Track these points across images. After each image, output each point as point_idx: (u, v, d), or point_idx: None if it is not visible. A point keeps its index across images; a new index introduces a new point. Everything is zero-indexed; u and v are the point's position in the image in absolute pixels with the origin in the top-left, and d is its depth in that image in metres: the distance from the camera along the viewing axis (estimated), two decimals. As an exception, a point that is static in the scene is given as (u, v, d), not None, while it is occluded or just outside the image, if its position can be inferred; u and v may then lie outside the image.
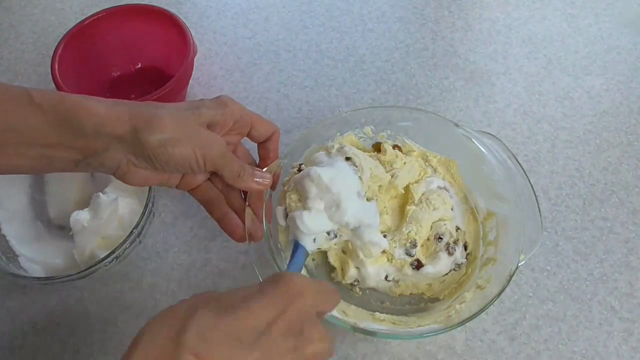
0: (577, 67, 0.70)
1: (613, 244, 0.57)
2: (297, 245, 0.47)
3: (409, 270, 0.51)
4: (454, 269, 0.52)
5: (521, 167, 0.51)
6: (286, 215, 0.50)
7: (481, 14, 0.76)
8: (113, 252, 0.50)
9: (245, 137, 0.49)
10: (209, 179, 0.48)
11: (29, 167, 0.41)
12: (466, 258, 0.53)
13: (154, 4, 0.69)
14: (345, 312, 0.49)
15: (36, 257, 0.54)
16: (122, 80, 0.69)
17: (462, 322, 0.45)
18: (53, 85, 0.60)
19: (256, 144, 0.51)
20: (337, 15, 0.77)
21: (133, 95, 0.67)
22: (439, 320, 0.47)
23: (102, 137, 0.40)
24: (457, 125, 0.54)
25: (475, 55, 0.72)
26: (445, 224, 0.52)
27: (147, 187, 0.53)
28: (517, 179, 0.51)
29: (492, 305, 0.46)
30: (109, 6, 0.67)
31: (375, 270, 0.51)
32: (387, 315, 0.50)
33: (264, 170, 0.49)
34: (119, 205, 0.54)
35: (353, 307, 0.50)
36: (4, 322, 0.54)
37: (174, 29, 0.64)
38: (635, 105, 0.67)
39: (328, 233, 0.49)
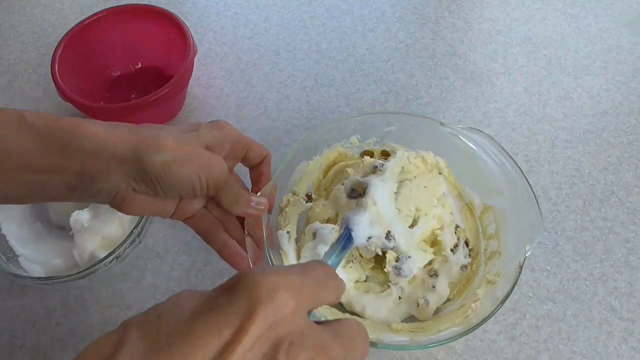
0: (577, 67, 0.70)
1: (613, 244, 0.57)
2: (346, 233, 0.41)
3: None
4: (460, 270, 0.52)
5: (511, 158, 0.51)
6: (288, 239, 0.49)
7: (481, 14, 0.76)
8: (113, 252, 0.50)
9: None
10: (205, 206, 0.46)
11: (17, 195, 0.38)
12: (469, 255, 0.53)
13: (153, 4, 0.69)
14: None
15: (36, 257, 0.54)
16: (122, 80, 0.69)
17: (483, 321, 0.44)
18: (53, 85, 0.60)
19: (248, 169, 0.49)
20: (337, 15, 0.77)
21: (133, 95, 0.67)
22: (457, 321, 0.46)
23: (101, 158, 0.37)
24: (442, 124, 0.53)
25: (475, 55, 0.72)
26: (442, 233, 0.52)
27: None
28: (509, 171, 0.51)
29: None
30: (109, 6, 0.67)
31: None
32: (403, 324, 0.48)
33: (259, 194, 0.47)
34: (119, 205, 0.54)
35: (367, 320, 0.49)
36: (4, 322, 0.54)
37: (174, 29, 0.64)
38: (635, 105, 0.67)
39: (387, 237, 0.44)
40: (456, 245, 0.52)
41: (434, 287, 0.50)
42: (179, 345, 0.23)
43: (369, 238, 0.42)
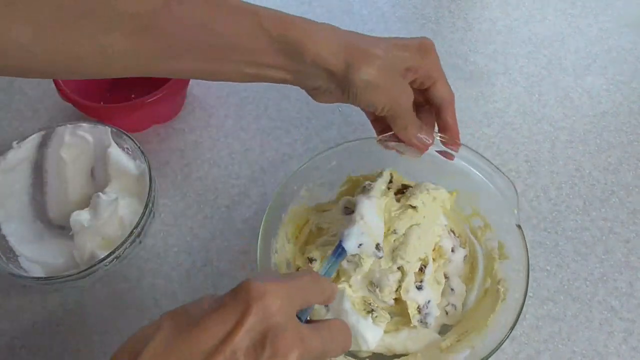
0: (577, 67, 0.70)
1: (613, 244, 0.57)
2: (339, 245, 0.46)
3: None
4: (463, 261, 0.52)
5: (441, 137, 0.51)
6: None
7: (481, 14, 0.76)
8: (113, 252, 0.50)
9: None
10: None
11: (239, 79, 0.46)
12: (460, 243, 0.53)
13: (154, 4, 0.69)
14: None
15: (36, 257, 0.54)
16: (122, 80, 0.69)
17: (525, 295, 0.44)
18: (53, 85, 0.60)
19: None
20: (337, 15, 0.77)
21: (133, 95, 0.67)
22: (497, 308, 0.47)
23: (317, 68, 0.44)
24: (376, 139, 0.52)
25: (475, 55, 0.72)
26: (441, 240, 0.51)
27: (147, 187, 0.53)
28: (459, 154, 0.51)
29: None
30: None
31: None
32: (447, 337, 0.48)
33: (441, 136, 0.50)
34: (119, 205, 0.54)
35: (419, 355, 0.48)
36: (4, 322, 0.54)
37: (174, 29, 0.64)
38: (636, 105, 0.67)
39: (377, 247, 0.46)
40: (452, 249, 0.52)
41: (452, 289, 0.50)
42: (195, 331, 0.30)
43: (360, 245, 0.46)
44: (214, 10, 0.42)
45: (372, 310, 0.48)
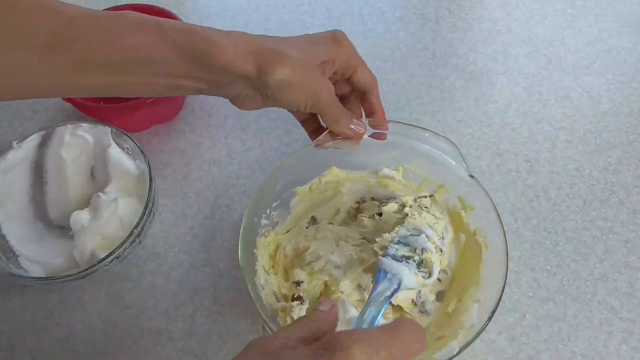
0: (577, 67, 0.70)
1: (613, 244, 0.57)
2: (381, 275, 0.44)
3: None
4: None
5: (370, 120, 0.52)
6: None
7: (481, 14, 0.76)
8: (113, 252, 0.50)
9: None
10: None
11: (157, 93, 0.47)
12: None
13: (153, 4, 0.69)
14: None
15: (36, 257, 0.54)
16: (122, 80, 0.69)
17: (505, 235, 0.46)
18: (53, 85, 0.60)
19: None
20: (338, 15, 0.77)
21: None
22: (483, 257, 0.48)
23: (229, 75, 0.44)
24: (315, 145, 0.52)
25: (475, 55, 0.72)
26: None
27: (147, 187, 0.54)
28: (394, 131, 0.52)
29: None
30: (109, 6, 0.67)
31: None
32: (446, 300, 0.49)
33: (369, 120, 0.51)
34: (119, 205, 0.54)
35: (431, 328, 0.48)
36: (4, 322, 0.54)
37: (174, 29, 0.64)
38: (636, 105, 0.67)
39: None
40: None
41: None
42: None
43: (407, 289, 0.46)
44: (120, 24, 0.42)
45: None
